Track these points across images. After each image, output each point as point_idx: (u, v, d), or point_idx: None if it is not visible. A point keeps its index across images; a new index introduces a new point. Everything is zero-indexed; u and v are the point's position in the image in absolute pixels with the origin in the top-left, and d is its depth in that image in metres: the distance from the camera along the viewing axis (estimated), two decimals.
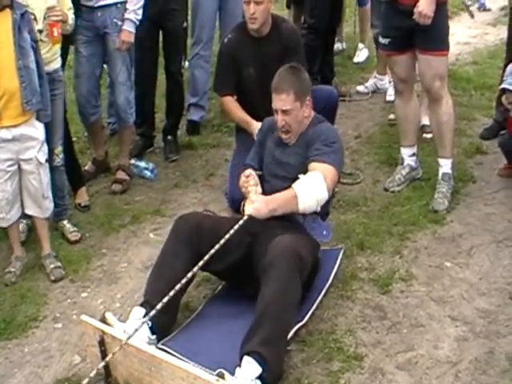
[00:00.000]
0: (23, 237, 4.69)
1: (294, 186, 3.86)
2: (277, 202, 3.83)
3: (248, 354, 3.29)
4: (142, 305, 3.67)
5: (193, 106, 6.35)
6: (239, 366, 3.28)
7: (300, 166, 4.01)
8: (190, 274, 3.54)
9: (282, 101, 4.01)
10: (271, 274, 3.50)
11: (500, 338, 3.73)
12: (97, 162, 5.65)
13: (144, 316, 3.56)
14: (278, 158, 4.17)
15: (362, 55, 8.02)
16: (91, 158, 5.69)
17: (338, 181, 4.24)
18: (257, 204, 3.81)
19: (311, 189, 3.85)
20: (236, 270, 3.92)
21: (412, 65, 5.02)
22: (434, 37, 4.74)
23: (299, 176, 3.89)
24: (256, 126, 4.91)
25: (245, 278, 3.90)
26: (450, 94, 5.12)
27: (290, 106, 4.00)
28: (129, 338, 3.24)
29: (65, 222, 4.83)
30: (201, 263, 3.56)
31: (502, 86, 5.10)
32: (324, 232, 4.11)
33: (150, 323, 3.51)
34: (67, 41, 5.01)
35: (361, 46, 8.05)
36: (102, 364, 3.27)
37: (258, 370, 3.26)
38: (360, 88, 7.23)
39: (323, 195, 3.87)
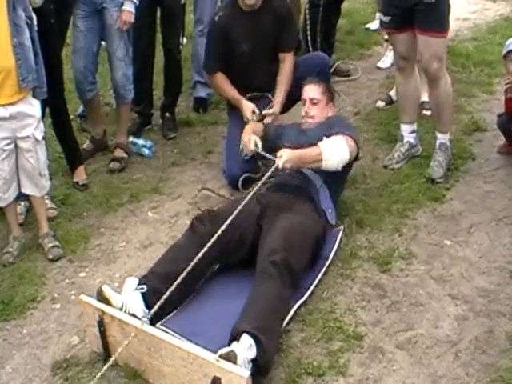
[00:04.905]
0: (21, 219, 4.66)
1: (319, 143, 4.24)
2: (302, 155, 4.21)
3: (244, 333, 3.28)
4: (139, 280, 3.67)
5: (199, 84, 6.32)
6: (236, 340, 3.25)
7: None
8: (200, 253, 3.54)
9: (311, 91, 4.57)
10: (264, 280, 3.57)
11: (500, 317, 3.72)
12: (95, 140, 5.61)
13: (138, 285, 3.58)
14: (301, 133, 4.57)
15: (377, 23, 7.93)
16: (89, 137, 5.65)
17: (357, 157, 4.52)
18: (285, 156, 4.10)
19: (334, 147, 4.24)
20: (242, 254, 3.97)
21: (413, 42, 4.93)
22: (433, 17, 4.69)
23: (322, 138, 4.30)
24: (246, 106, 4.89)
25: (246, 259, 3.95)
26: (449, 70, 5.10)
27: (318, 96, 4.54)
28: None
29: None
30: (214, 238, 3.59)
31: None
32: (330, 211, 4.30)
33: (144, 288, 3.54)
34: (65, 18, 4.99)
35: (378, 14, 7.94)
36: None
37: (254, 353, 3.24)
38: (380, 64, 7.16)
39: (344, 155, 4.27)
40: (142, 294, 3.54)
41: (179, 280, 3.42)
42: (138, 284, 3.59)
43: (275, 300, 3.51)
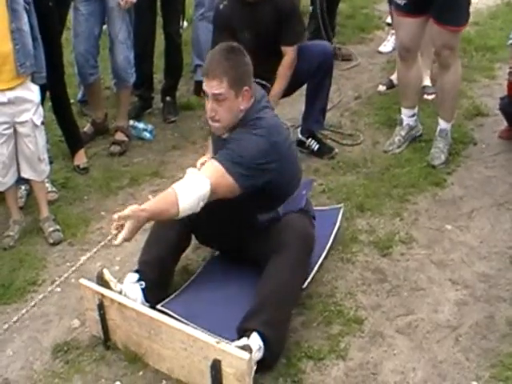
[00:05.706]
0: (22, 202, 4.67)
1: (173, 185, 3.35)
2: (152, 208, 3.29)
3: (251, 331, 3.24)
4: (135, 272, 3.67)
5: (199, 67, 6.26)
6: (246, 337, 3.22)
7: None
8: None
9: (213, 87, 3.48)
10: (282, 256, 3.43)
11: (500, 302, 3.72)
12: (96, 123, 5.61)
13: (138, 280, 3.57)
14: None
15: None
16: (90, 120, 5.64)
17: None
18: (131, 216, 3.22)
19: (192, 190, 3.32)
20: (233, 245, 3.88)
21: (419, 33, 4.85)
22: (451, 12, 4.58)
23: None
24: None
25: (244, 251, 3.84)
26: None
27: (222, 92, 3.47)
28: None
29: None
30: None
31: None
32: (304, 192, 3.90)
33: (143, 284, 3.54)
34: (65, 2, 4.97)
35: None
36: None
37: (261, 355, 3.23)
38: (381, 48, 7.13)
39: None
40: (142, 289, 3.55)
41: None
42: (137, 280, 3.58)
43: (289, 277, 3.41)
